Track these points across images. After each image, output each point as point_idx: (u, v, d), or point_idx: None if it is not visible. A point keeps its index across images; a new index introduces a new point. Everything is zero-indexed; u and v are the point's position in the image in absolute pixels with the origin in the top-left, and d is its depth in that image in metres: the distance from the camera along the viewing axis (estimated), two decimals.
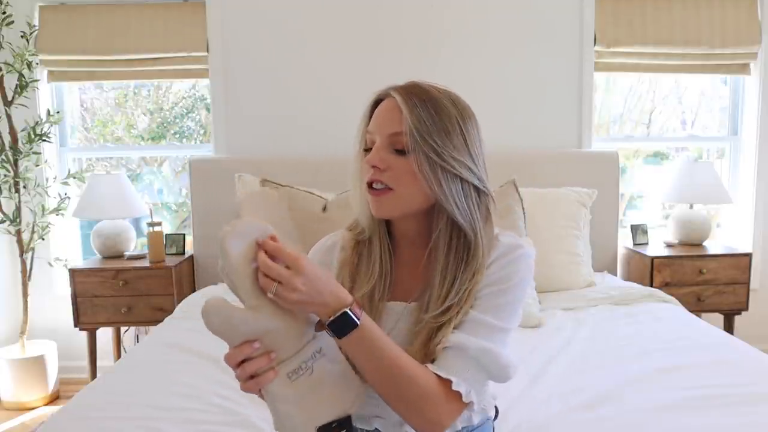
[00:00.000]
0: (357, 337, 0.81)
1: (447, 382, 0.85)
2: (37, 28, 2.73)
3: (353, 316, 0.80)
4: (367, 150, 0.94)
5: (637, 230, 2.86)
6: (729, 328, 2.70)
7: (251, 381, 0.80)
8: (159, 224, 2.65)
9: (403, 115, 0.89)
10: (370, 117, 0.96)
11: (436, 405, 0.85)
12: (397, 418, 0.93)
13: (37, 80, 2.71)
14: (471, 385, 0.87)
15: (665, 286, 2.56)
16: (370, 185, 0.92)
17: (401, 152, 0.90)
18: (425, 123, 0.88)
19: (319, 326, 0.84)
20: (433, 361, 0.88)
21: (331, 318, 0.80)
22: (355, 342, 0.81)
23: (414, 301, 0.96)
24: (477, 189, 0.92)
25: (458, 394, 0.86)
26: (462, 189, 0.90)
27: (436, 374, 0.86)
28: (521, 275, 0.93)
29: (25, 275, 2.69)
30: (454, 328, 0.89)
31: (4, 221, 2.63)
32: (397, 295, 0.98)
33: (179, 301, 2.37)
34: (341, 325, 0.80)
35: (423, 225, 0.96)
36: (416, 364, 0.86)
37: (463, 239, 0.92)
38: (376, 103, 0.96)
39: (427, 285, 0.95)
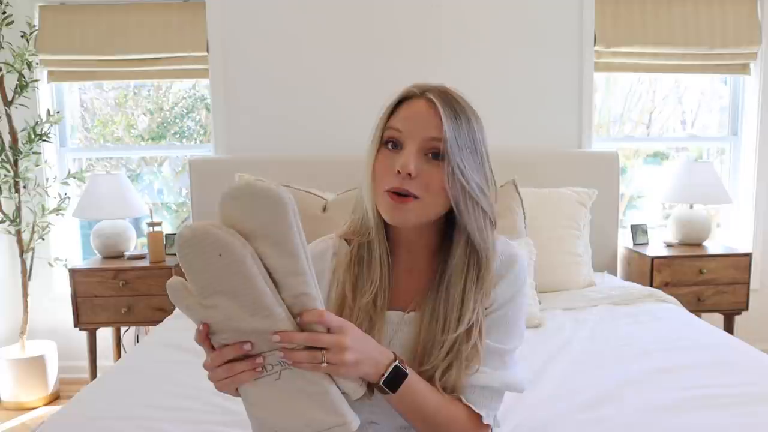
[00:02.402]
0: (405, 387, 0.82)
1: (477, 415, 0.90)
2: (37, 28, 2.73)
3: (403, 368, 0.82)
4: (387, 143, 0.89)
5: (637, 230, 2.86)
6: (729, 328, 2.70)
7: (229, 380, 0.76)
8: (159, 224, 2.65)
9: (442, 121, 0.85)
10: (391, 112, 0.91)
11: None
12: (392, 422, 0.92)
13: (37, 80, 2.71)
14: (495, 410, 0.93)
15: (665, 286, 2.55)
16: (390, 189, 0.87)
17: (433, 158, 0.86)
18: (458, 137, 0.86)
19: (369, 389, 0.83)
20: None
21: (385, 373, 0.80)
22: (404, 393, 0.82)
23: (412, 311, 0.94)
24: (484, 210, 0.90)
25: (486, 424, 0.92)
26: (475, 209, 0.88)
27: (468, 406, 0.89)
28: (522, 289, 0.95)
29: (25, 275, 2.69)
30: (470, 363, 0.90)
31: (4, 221, 2.63)
32: (394, 303, 0.95)
33: None
34: (395, 378, 0.81)
35: (431, 234, 0.94)
36: (451, 402, 0.89)
37: (477, 256, 0.91)
38: (400, 99, 0.92)
39: (427, 296, 0.93)
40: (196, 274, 0.73)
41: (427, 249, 0.96)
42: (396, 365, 0.81)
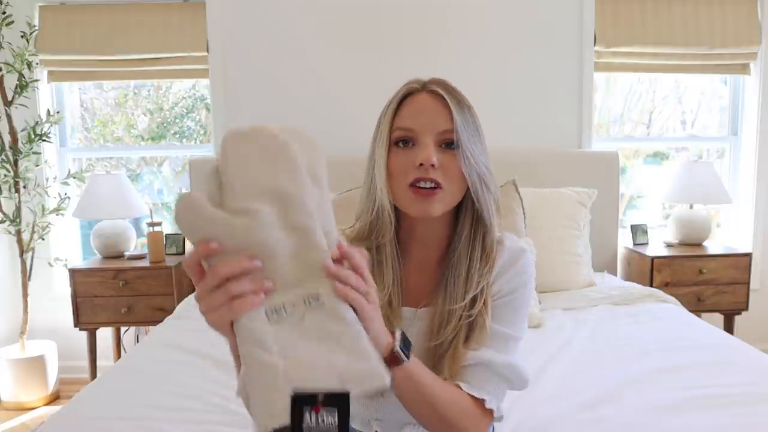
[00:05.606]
0: (414, 362, 0.81)
1: (480, 400, 0.90)
2: (37, 28, 2.73)
3: (406, 335, 0.82)
4: (398, 143, 0.91)
5: (637, 230, 2.86)
6: (729, 328, 2.70)
7: (225, 307, 0.63)
8: (159, 224, 2.65)
9: (451, 112, 0.89)
10: (396, 109, 0.93)
11: (476, 425, 0.90)
12: (396, 419, 0.92)
13: (37, 80, 2.71)
14: (498, 398, 0.92)
15: (665, 286, 2.55)
16: (414, 184, 0.89)
17: (447, 149, 0.90)
18: (465, 126, 0.90)
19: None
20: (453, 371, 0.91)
21: (395, 340, 0.79)
22: (413, 368, 0.81)
23: (425, 306, 0.96)
24: (491, 191, 0.94)
25: (490, 410, 0.91)
26: (487, 191, 0.93)
27: (470, 394, 0.89)
28: (529, 281, 0.97)
29: (25, 275, 2.69)
30: (473, 341, 0.91)
31: (4, 221, 2.63)
32: (406, 301, 0.97)
33: (179, 301, 2.37)
34: (404, 345, 0.80)
35: (444, 226, 0.97)
36: (451, 388, 0.88)
37: (481, 237, 0.94)
38: (403, 96, 0.94)
39: (439, 285, 0.95)
40: (246, 167, 0.65)
41: (439, 244, 0.98)
42: (402, 331, 0.81)
